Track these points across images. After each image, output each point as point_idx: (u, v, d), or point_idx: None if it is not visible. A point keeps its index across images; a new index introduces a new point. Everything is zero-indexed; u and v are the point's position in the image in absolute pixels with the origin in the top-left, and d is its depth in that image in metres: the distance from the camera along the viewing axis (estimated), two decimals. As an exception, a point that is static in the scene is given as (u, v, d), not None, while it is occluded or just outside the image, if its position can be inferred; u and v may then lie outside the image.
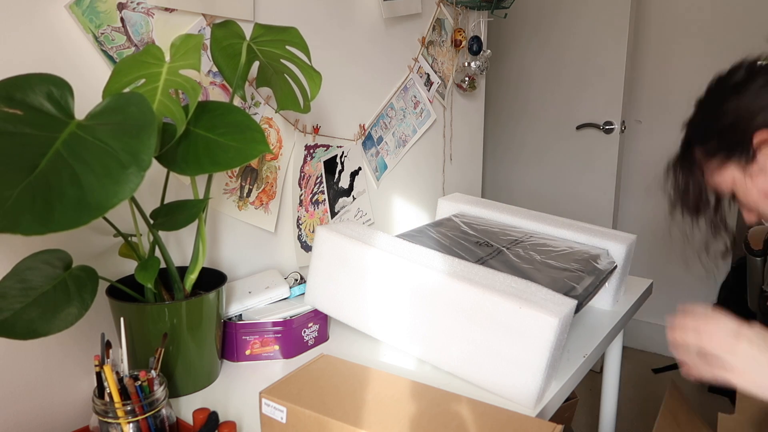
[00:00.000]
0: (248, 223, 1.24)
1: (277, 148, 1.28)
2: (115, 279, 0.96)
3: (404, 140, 1.67)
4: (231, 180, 1.19)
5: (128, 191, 0.64)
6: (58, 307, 0.74)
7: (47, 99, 0.70)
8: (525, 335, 0.88)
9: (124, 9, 0.96)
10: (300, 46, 0.99)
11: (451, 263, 1.00)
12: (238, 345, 1.06)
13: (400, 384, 0.84)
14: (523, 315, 0.88)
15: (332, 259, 1.08)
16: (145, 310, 0.89)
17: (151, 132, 0.67)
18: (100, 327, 0.97)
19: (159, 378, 0.80)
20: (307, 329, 1.10)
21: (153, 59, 0.82)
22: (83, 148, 0.66)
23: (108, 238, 0.97)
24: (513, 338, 0.89)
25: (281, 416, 0.77)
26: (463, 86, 1.84)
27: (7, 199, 0.60)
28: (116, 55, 0.96)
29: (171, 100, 0.79)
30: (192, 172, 0.81)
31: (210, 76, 1.12)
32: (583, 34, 2.48)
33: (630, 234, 1.32)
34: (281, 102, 1.05)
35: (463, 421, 0.75)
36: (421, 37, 1.66)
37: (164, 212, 0.90)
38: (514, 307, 0.88)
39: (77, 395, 0.96)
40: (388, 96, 1.59)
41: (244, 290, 1.14)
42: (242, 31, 0.95)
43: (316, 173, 1.40)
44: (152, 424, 0.77)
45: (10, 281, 0.74)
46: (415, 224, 1.77)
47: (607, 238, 1.28)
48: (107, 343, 0.78)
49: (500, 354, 0.91)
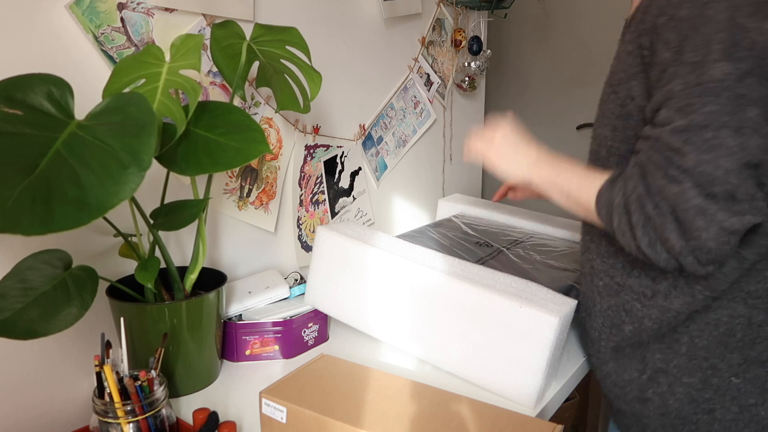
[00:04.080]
0: (248, 223, 1.24)
1: (277, 148, 1.28)
2: (115, 279, 0.96)
3: (404, 140, 1.67)
4: (231, 180, 1.19)
5: (128, 191, 0.64)
6: (58, 307, 0.74)
7: (47, 99, 0.70)
8: (525, 334, 0.88)
9: (124, 9, 0.96)
10: (300, 46, 0.99)
11: (452, 263, 1.00)
12: (238, 345, 1.06)
13: (400, 384, 0.84)
14: (523, 314, 0.88)
15: (333, 258, 1.08)
16: (145, 310, 0.89)
17: (151, 132, 0.67)
18: (100, 327, 0.97)
19: (159, 378, 0.80)
20: (307, 329, 1.10)
21: (153, 59, 0.82)
22: (83, 148, 0.66)
23: (108, 238, 0.97)
24: (513, 338, 0.89)
25: (281, 416, 0.77)
26: (463, 86, 1.84)
27: (7, 199, 0.60)
28: (116, 55, 0.96)
29: (171, 100, 0.79)
30: (192, 172, 0.81)
31: (210, 76, 1.12)
32: (583, 34, 2.48)
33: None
34: (281, 102, 1.05)
35: (463, 421, 0.75)
36: (421, 37, 1.66)
37: (164, 212, 0.90)
38: (515, 307, 0.88)
39: (77, 395, 0.96)
40: (388, 96, 1.59)
41: (244, 290, 1.14)
42: (242, 31, 0.95)
43: (316, 173, 1.40)
44: (152, 424, 0.77)
45: (10, 281, 0.74)
46: (415, 224, 1.77)
47: (607, 238, 1.28)
48: (107, 343, 0.78)
49: (500, 353, 0.91)
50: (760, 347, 0.82)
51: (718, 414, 0.84)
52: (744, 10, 0.70)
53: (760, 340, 0.82)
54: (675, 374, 0.86)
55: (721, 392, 0.84)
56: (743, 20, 0.70)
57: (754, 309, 0.81)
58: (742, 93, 0.70)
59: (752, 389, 0.83)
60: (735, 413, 0.83)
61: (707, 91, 0.70)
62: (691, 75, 0.72)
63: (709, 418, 0.85)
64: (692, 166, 0.70)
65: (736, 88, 0.70)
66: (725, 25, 0.70)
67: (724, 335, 0.82)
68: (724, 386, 0.83)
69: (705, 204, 0.69)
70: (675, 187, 0.70)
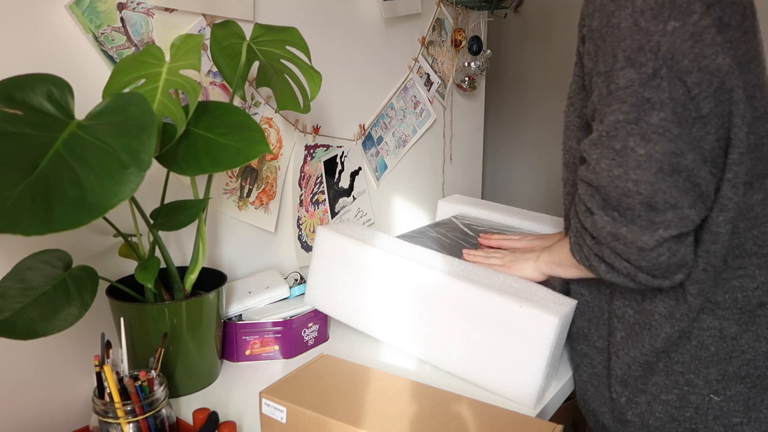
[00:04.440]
0: (248, 223, 1.24)
1: (277, 148, 1.28)
2: (115, 279, 0.96)
3: (404, 140, 1.67)
4: (231, 180, 1.19)
5: (128, 191, 0.64)
6: (58, 307, 0.74)
7: (47, 99, 0.70)
8: (525, 334, 0.88)
9: (124, 9, 0.96)
10: (300, 46, 0.99)
11: (452, 263, 1.00)
12: (238, 345, 1.06)
13: (400, 384, 0.84)
14: (523, 314, 0.88)
15: (332, 259, 1.08)
16: (145, 310, 0.89)
17: (151, 132, 0.67)
18: (100, 327, 0.97)
19: (159, 378, 0.80)
20: (307, 329, 1.10)
21: (153, 59, 0.82)
22: (83, 148, 0.66)
23: (108, 238, 0.97)
24: (513, 337, 0.89)
25: (281, 416, 0.77)
26: (463, 86, 1.84)
27: (6, 199, 0.60)
28: (116, 55, 0.96)
29: (171, 100, 0.79)
30: (192, 172, 0.81)
31: (210, 76, 1.12)
32: (583, 34, 2.48)
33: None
34: (281, 102, 1.05)
35: (463, 421, 0.75)
36: (421, 37, 1.66)
37: (164, 212, 0.90)
38: (515, 306, 0.89)
39: (77, 395, 0.96)
40: (388, 96, 1.59)
41: (244, 290, 1.14)
42: (242, 31, 0.95)
43: (316, 173, 1.40)
44: (152, 424, 0.77)
45: (10, 281, 0.74)
46: (415, 225, 1.77)
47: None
48: (107, 343, 0.78)
49: (500, 353, 0.91)
50: (737, 362, 0.79)
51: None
52: (647, 14, 0.69)
53: (737, 354, 0.79)
54: (653, 392, 0.83)
55: (702, 411, 0.80)
56: (646, 24, 0.69)
57: (725, 320, 0.78)
58: (647, 97, 0.68)
59: (735, 408, 0.79)
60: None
61: (615, 99, 0.70)
62: (602, 85, 0.72)
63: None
64: (605, 184, 0.69)
65: (640, 92, 0.68)
66: (629, 32, 0.69)
67: (697, 348, 0.80)
68: (704, 405, 0.80)
69: (614, 228, 0.69)
70: (590, 219, 0.70)
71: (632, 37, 0.69)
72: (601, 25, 0.72)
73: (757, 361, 0.79)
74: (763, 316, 0.78)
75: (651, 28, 0.69)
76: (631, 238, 0.69)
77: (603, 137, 0.70)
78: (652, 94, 0.68)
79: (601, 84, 0.72)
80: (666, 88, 0.68)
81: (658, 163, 0.67)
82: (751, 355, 0.78)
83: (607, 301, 0.90)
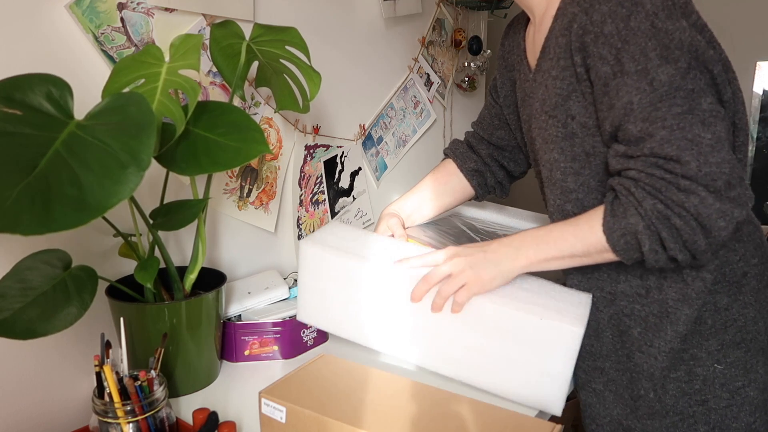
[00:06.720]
0: (248, 223, 1.24)
1: (277, 148, 1.28)
2: (115, 279, 0.96)
3: (404, 140, 1.67)
4: (231, 180, 1.19)
5: (128, 191, 0.64)
6: (57, 307, 0.74)
7: (47, 99, 0.70)
8: (546, 345, 0.85)
9: (124, 9, 0.96)
10: (300, 46, 0.99)
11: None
12: (238, 345, 1.06)
13: (400, 384, 0.84)
14: (543, 327, 0.85)
15: (320, 274, 0.98)
16: (144, 310, 0.89)
17: (150, 132, 0.67)
18: (100, 327, 0.97)
19: (159, 378, 0.80)
20: (307, 329, 1.10)
21: (153, 59, 0.82)
22: (83, 148, 0.66)
23: (108, 238, 0.97)
24: (534, 349, 0.86)
25: (281, 416, 0.77)
26: (463, 86, 1.84)
27: (6, 199, 0.60)
28: (116, 55, 0.96)
29: (170, 100, 0.79)
30: (191, 172, 0.81)
31: (210, 76, 1.12)
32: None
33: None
34: (281, 102, 1.05)
35: (463, 421, 0.75)
36: (421, 37, 1.66)
37: (164, 212, 0.90)
38: (534, 320, 0.85)
39: (77, 395, 0.96)
40: (388, 96, 1.59)
41: (244, 290, 1.14)
42: (242, 31, 0.95)
43: (316, 173, 1.40)
44: (152, 424, 0.77)
45: (9, 281, 0.74)
46: (415, 224, 1.76)
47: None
48: (107, 343, 0.78)
49: (519, 363, 0.88)
50: (732, 330, 0.85)
51: (712, 403, 0.85)
52: (660, 15, 0.74)
53: (730, 323, 0.84)
54: (660, 374, 0.87)
55: (709, 381, 0.85)
56: (662, 24, 0.74)
57: (717, 294, 0.84)
58: (690, 88, 0.73)
59: (736, 372, 0.85)
60: (727, 399, 0.85)
61: (664, 95, 0.73)
62: (640, 83, 0.75)
63: (704, 409, 0.86)
64: (696, 173, 0.71)
65: (684, 85, 0.73)
66: (651, 33, 0.74)
67: (696, 323, 0.84)
68: (711, 375, 0.85)
69: (721, 205, 0.71)
70: (693, 198, 0.72)
71: (656, 37, 0.74)
72: (617, 30, 0.75)
73: (748, 326, 0.85)
74: (746, 285, 0.85)
75: (669, 27, 0.74)
76: (736, 214, 0.72)
77: (675, 133, 0.73)
78: (694, 84, 0.73)
79: (636, 83, 0.75)
80: (701, 78, 0.74)
81: (723, 141, 0.72)
82: (742, 322, 0.85)
83: (607, 305, 0.91)
